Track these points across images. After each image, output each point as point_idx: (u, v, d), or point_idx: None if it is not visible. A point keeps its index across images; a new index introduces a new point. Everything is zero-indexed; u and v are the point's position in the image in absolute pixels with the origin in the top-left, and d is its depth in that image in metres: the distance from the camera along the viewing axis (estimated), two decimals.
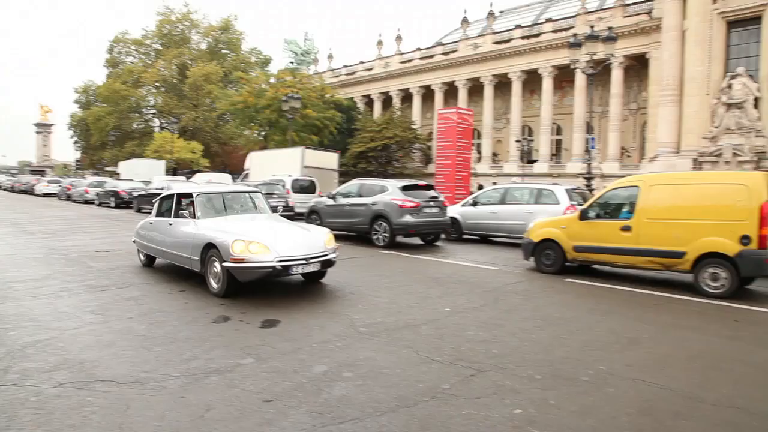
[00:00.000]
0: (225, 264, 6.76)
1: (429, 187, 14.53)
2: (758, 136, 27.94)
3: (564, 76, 39.53)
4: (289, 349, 5.01)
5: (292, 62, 58.62)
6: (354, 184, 15.02)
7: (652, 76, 35.00)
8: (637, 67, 37.42)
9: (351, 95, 53.74)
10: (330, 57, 61.36)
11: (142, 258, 9.54)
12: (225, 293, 6.91)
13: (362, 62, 57.38)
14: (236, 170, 37.54)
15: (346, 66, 59.31)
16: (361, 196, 13.97)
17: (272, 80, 44.08)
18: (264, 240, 6.90)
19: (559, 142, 43.88)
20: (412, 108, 50.86)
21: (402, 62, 52.39)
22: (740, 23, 29.57)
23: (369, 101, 56.07)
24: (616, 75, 37.32)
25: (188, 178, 29.53)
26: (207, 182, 24.86)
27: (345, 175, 32.08)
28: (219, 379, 4.20)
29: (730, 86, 28.68)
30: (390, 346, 5.16)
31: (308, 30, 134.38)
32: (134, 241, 9.62)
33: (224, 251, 6.76)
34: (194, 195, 8.16)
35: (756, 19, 28.74)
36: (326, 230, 8.02)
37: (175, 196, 8.62)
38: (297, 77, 43.49)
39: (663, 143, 32.17)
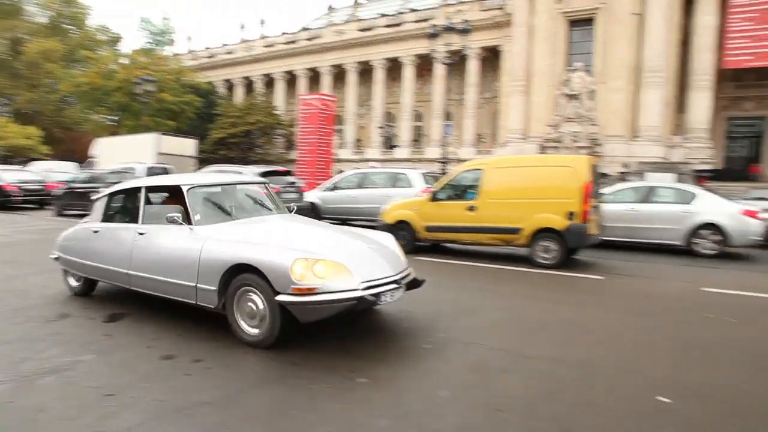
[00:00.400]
0: (281, 298, 4.32)
1: (287, 173, 14.94)
2: (592, 125, 31.43)
3: (425, 65, 41.22)
4: (135, 340, 4.82)
5: (149, 42, 54.86)
6: (210, 171, 14.74)
7: (505, 68, 37.75)
8: (492, 58, 40.06)
9: (211, 79, 51.74)
10: (189, 39, 58.65)
11: (74, 283, 6.46)
12: (276, 341, 4.50)
13: (224, 45, 55.22)
14: (85, 158, 34.47)
15: (207, 48, 56.71)
16: None
17: (124, 61, 40.99)
18: (335, 256, 4.60)
19: (419, 128, 45.77)
20: (275, 94, 50.09)
21: (266, 46, 51.27)
22: (579, 23, 32.98)
23: (230, 86, 54.34)
24: (473, 65, 39.67)
25: (24, 167, 26.53)
26: (46, 171, 22.68)
27: (205, 162, 30.89)
28: (55, 379, 3.95)
29: (569, 79, 31.89)
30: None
31: (166, 9, 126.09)
32: (57, 259, 6.57)
33: (279, 277, 4.33)
34: (185, 188, 5.38)
35: (590, 20, 32.20)
36: (391, 236, 5.89)
37: (142, 190, 5.84)
38: (152, 59, 40.92)
39: (513, 130, 34.96)
